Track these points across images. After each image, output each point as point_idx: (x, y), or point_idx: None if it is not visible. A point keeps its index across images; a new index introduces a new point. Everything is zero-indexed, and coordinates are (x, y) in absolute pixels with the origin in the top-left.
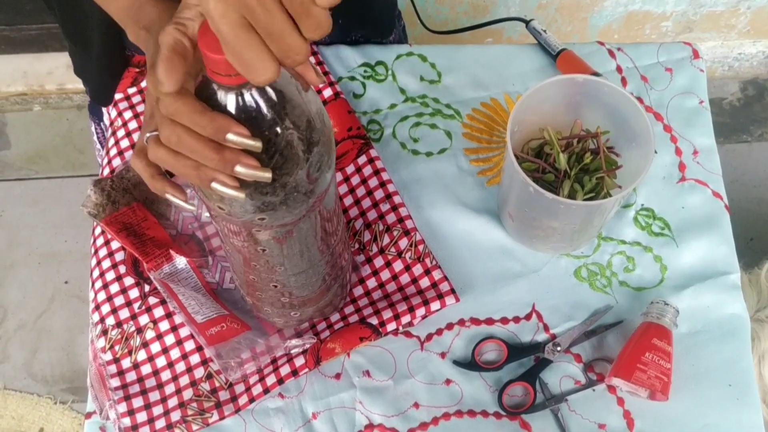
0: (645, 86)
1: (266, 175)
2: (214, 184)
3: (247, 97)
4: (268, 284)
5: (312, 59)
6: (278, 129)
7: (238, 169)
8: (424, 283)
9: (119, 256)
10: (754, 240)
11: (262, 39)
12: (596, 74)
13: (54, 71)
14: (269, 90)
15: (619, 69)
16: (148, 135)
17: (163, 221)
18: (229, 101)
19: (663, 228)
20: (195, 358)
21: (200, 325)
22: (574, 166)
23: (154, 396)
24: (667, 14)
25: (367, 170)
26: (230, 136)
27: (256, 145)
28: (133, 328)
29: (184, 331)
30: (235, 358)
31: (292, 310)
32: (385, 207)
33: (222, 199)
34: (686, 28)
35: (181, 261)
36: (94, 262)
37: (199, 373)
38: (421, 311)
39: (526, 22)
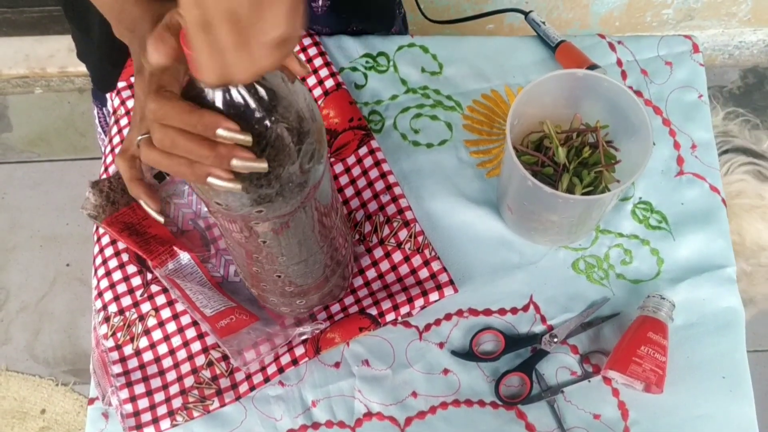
0: (645, 80)
1: (262, 165)
2: (210, 179)
3: (234, 92)
4: (272, 275)
5: (314, 49)
6: (267, 122)
7: (234, 162)
8: (423, 274)
9: (122, 244)
10: None
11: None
12: (594, 66)
13: (55, 54)
14: (256, 84)
15: (619, 62)
16: (139, 138)
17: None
18: (217, 98)
19: (660, 221)
20: (196, 346)
21: (210, 318)
22: (573, 160)
23: (156, 383)
24: (668, 2)
25: (368, 161)
26: (220, 132)
27: (245, 139)
28: (135, 316)
29: (185, 319)
30: (245, 347)
31: (297, 299)
32: (385, 198)
33: (219, 195)
34: (687, 15)
35: (185, 256)
36: (96, 249)
37: (200, 360)
38: (419, 302)
39: (525, 14)
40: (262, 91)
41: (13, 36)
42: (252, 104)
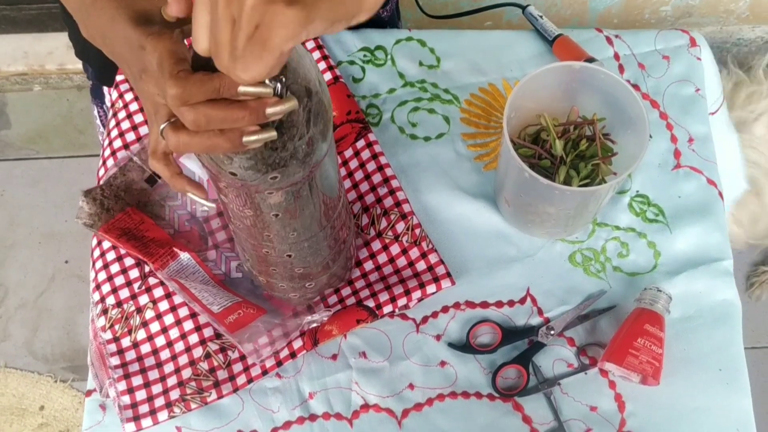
0: (642, 73)
1: (293, 103)
2: (245, 138)
3: None
4: (282, 255)
5: (312, 42)
6: (278, 83)
7: (269, 110)
8: (421, 266)
9: None
10: None
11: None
12: (592, 59)
13: (54, 51)
14: None
15: (616, 56)
16: (162, 126)
17: (159, 221)
18: None
19: (657, 214)
20: (194, 338)
21: (218, 315)
22: (570, 153)
23: (153, 375)
24: None
25: (366, 154)
26: (242, 89)
27: (267, 91)
28: (133, 308)
29: (183, 311)
30: (257, 340)
31: (306, 281)
32: (383, 191)
33: (233, 164)
34: (685, 12)
35: (185, 256)
36: (94, 242)
37: (197, 352)
38: (417, 294)
39: (523, 8)
40: None
41: (11, 33)
42: None
